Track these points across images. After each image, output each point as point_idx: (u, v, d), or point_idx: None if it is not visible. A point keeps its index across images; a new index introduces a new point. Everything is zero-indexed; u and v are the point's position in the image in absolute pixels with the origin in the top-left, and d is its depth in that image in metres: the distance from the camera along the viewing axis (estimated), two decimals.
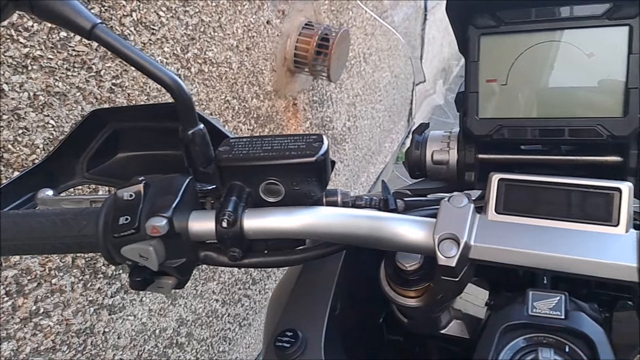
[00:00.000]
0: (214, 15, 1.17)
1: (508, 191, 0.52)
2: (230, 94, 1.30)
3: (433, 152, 0.69)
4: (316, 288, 0.62)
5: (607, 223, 0.48)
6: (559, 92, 0.59)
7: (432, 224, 0.51)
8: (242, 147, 0.54)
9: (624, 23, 0.55)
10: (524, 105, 0.61)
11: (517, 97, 0.61)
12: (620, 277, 0.44)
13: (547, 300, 0.47)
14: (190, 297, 1.32)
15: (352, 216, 0.53)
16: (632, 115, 0.56)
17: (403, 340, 0.79)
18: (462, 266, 0.50)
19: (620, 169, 0.61)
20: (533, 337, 0.44)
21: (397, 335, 0.79)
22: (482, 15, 0.60)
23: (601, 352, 0.41)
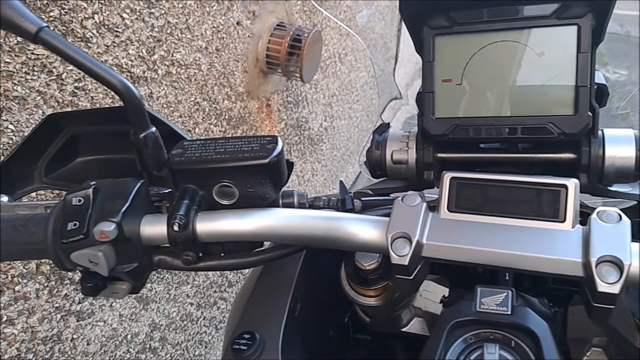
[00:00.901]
0: (181, 17, 1.17)
1: (460, 189, 0.52)
2: (200, 95, 1.29)
3: (393, 152, 0.69)
4: (275, 289, 0.62)
5: (554, 219, 0.48)
6: (512, 91, 0.60)
7: (386, 223, 0.51)
8: (195, 150, 0.53)
9: (572, 22, 0.55)
10: (479, 105, 0.61)
11: (472, 97, 0.62)
12: (566, 272, 0.45)
13: (494, 296, 0.47)
14: (163, 301, 1.31)
15: (307, 217, 0.53)
16: (582, 113, 0.56)
17: (370, 339, 0.79)
18: (416, 264, 0.50)
19: (574, 166, 0.62)
20: (480, 333, 0.44)
21: (364, 334, 0.79)
22: (436, 15, 0.61)
23: (544, 346, 0.41)
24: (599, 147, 0.60)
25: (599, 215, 0.46)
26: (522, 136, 0.59)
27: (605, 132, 0.62)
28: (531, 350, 0.42)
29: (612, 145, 0.60)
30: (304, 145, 2.04)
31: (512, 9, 0.57)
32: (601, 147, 0.60)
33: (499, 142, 0.65)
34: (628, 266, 0.42)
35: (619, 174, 0.61)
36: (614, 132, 0.62)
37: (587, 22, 0.55)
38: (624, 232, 0.44)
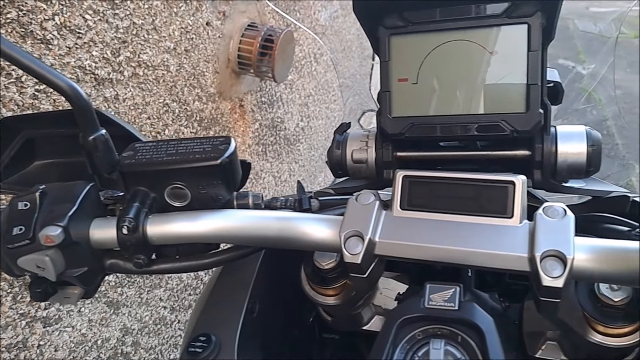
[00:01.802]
0: (147, 18, 1.15)
1: (412, 187, 0.53)
2: (169, 97, 1.28)
3: (353, 151, 0.70)
4: (232, 291, 0.61)
5: (502, 215, 0.49)
6: (466, 89, 0.60)
7: (340, 222, 0.51)
8: (146, 152, 0.53)
9: (522, 21, 0.56)
10: (434, 103, 0.62)
11: (427, 96, 0.62)
12: (513, 267, 0.46)
13: (442, 292, 0.48)
14: (135, 305, 1.30)
15: (260, 218, 0.53)
16: (533, 110, 0.57)
17: (338, 338, 0.79)
18: (369, 262, 0.50)
19: (528, 162, 0.63)
20: (429, 330, 0.45)
21: (332, 334, 0.79)
22: (391, 15, 0.61)
23: (489, 341, 0.42)
24: (551, 144, 0.61)
25: (545, 210, 0.47)
26: (475, 134, 0.60)
27: (558, 128, 0.63)
28: (476, 344, 0.43)
29: (564, 142, 0.61)
30: (280, 146, 2.04)
31: (463, 9, 0.58)
32: (554, 143, 0.61)
33: (454, 140, 0.66)
34: (571, 260, 0.42)
35: (572, 170, 0.62)
36: (566, 129, 0.63)
37: (537, 21, 0.55)
38: (567, 227, 0.45)
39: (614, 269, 0.43)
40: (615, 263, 0.43)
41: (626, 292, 0.50)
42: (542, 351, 0.59)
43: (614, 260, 0.43)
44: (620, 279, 0.45)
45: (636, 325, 0.50)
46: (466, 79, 0.60)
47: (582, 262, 0.43)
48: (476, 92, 0.60)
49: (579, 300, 0.52)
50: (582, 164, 0.61)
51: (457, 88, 0.60)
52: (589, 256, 0.43)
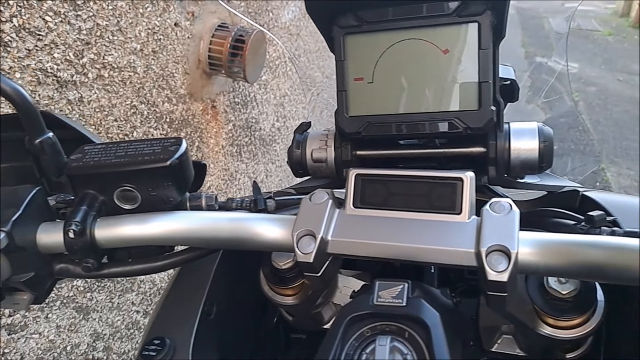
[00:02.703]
0: (112, 19, 1.14)
1: (364, 185, 0.53)
2: (137, 98, 1.26)
3: (312, 151, 0.70)
4: (188, 293, 0.61)
5: (451, 212, 0.49)
6: (420, 87, 0.61)
7: (292, 221, 0.51)
8: (94, 154, 0.52)
9: (472, 20, 0.57)
10: (389, 102, 0.62)
11: (383, 95, 0.62)
12: (461, 263, 0.46)
13: (391, 289, 0.48)
14: (106, 310, 1.28)
15: (212, 219, 0.52)
16: (485, 108, 0.58)
17: (306, 337, 0.79)
18: (322, 261, 0.50)
19: (484, 159, 0.64)
20: (377, 326, 0.45)
21: (300, 334, 0.79)
22: (345, 15, 0.61)
23: (434, 335, 0.42)
24: (504, 141, 0.62)
25: (492, 206, 0.47)
26: (429, 132, 0.60)
27: (512, 125, 0.64)
28: (423, 339, 0.43)
29: (517, 139, 0.62)
30: (256, 146, 2.03)
31: (415, 8, 0.58)
32: (507, 140, 0.62)
33: (409, 138, 0.67)
34: (515, 254, 0.43)
35: (525, 166, 0.63)
36: (519, 126, 0.64)
37: (487, 20, 0.56)
38: (512, 222, 0.45)
39: (557, 262, 0.44)
40: (559, 256, 0.44)
41: (574, 285, 0.51)
42: (498, 345, 0.60)
43: (557, 253, 0.44)
44: (564, 272, 0.45)
45: (585, 317, 0.51)
46: (420, 77, 0.60)
47: (527, 256, 0.44)
48: (430, 90, 0.60)
49: (529, 294, 0.52)
50: (534, 160, 0.62)
51: (411, 86, 0.61)
52: (533, 250, 0.44)
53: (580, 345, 0.56)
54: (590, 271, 0.43)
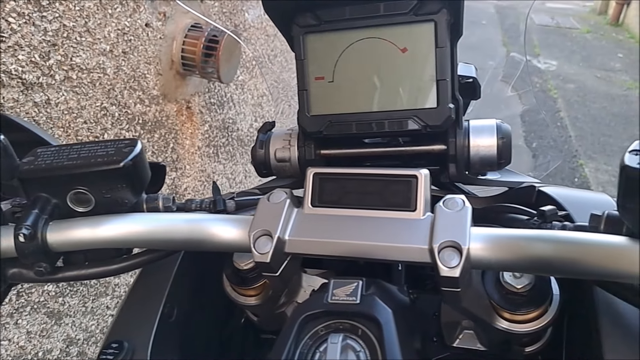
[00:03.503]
0: (79, 20, 1.13)
1: (322, 184, 0.53)
2: (107, 100, 1.25)
3: (276, 150, 0.70)
4: (148, 295, 0.60)
5: (406, 209, 0.50)
6: (380, 86, 0.61)
7: (250, 221, 0.51)
8: (47, 157, 0.52)
9: (429, 19, 0.57)
10: (350, 101, 0.62)
11: (344, 93, 0.63)
12: (415, 259, 0.47)
13: (345, 287, 0.48)
14: (79, 314, 1.27)
15: (168, 221, 0.52)
16: (443, 106, 0.58)
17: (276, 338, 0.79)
18: (280, 261, 0.50)
19: (444, 156, 0.65)
20: (331, 324, 0.45)
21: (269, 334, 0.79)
22: (303, 14, 0.61)
23: (386, 332, 0.43)
24: (464, 138, 0.63)
25: (445, 203, 0.48)
26: (389, 130, 0.61)
27: (471, 122, 0.64)
28: (375, 337, 0.43)
29: (475, 136, 0.63)
30: (233, 147, 2.02)
31: (372, 7, 0.58)
32: (466, 137, 0.63)
33: (369, 137, 0.67)
34: (467, 250, 0.43)
35: (484, 163, 0.63)
36: (478, 123, 0.64)
37: (443, 18, 0.57)
38: (465, 218, 0.46)
39: (508, 257, 0.44)
40: (509, 251, 0.44)
41: (528, 279, 0.51)
42: (460, 340, 0.61)
43: (507, 248, 0.44)
44: (514, 266, 0.46)
45: (540, 311, 0.52)
46: (380, 76, 0.61)
47: (479, 252, 0.45)
48: (389, 88, 0.61)
49: (485, 289, 0.53)
50: (493, 157, 0.62)
51: (371, 85, 0.61)
52: (485, 245, 0.45)
53: (539, 339, 0.57)
54: (539, 265, 0.44)
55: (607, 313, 0.49)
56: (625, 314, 0.48)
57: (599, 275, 0.41)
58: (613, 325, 0.48)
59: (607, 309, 0.49)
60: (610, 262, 0.39)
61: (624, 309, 0.48)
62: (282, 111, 1.89)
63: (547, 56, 6.25)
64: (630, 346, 0.47)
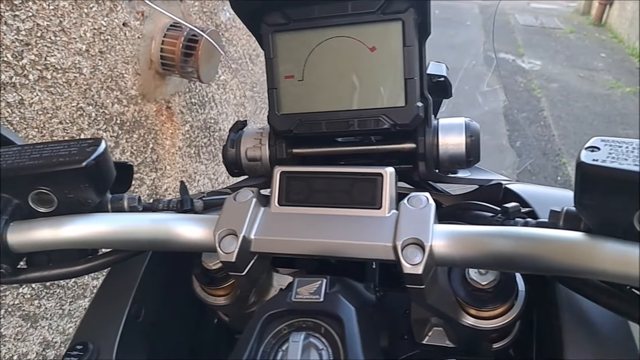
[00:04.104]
0: (54, 19, 1.11)
1: (289, 183, 0.53)
2: (84, 100, 1.24)
3: (247, 149, 0.70)
4: (114, 296, 0.60)
5: (372, 207, 0.50)
6: (349, 85, 0.61)
7: (215, 220, 0.51)
8: (8, 157, 0.51)
9: (396, 17, 0.57)
10: (320, 100, 0.62)
11: (313, 92, 0.63)
12: (380, 257, 0.47)
13: (309, 285, 0.48)
14: (56, 317, 1.25)
15: (132, 221, 0.52)
16: (412, 104, 0.59)
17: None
18: (246, 260, 0.50)
19: (414, 155, 0.65)
20: (294, 323, 0.45)
21: None
22: (272, 13, 0.61)
23: (347, 330, 0.43)
24: (433, 136, 0.63)
25: (410, 200, 0.48)
26: (358, 129, 0.61)
27: (440, 121, 0.65)
28: (338, 335, 0.43)
29: (444, 134, 0.63)
30: (216, 147, 2.01)
31: (340, 5, 0.58)
32: (435, 136, 0.63)
33: (342, 135, 0.67)
34: (429, 247, 0.44)
35: (453, 161, 0.64)
36: (447, 122, 0.65)
37: (410, 17, 0.57)
38: (428, 215, 0.46)
39: (470, 253, 0.45)
40: (471, 247, 0.45)
41: (493, 276, 0.52)
42: (429, 337, 0.61)
43: (469, 244, 0.45)
44: (477, 263, 0.46)
45: (506, 307, 0.52)
46: (349, 74, 0.61)
47: (442, 248, 0.45)
48: (359, 87, 0.61)
49: (452, 286, 0.53)
50: (461, 155, 0.63)
51: (341, 84, 0.61)
52: (447, 242, 0.45)
53: (507, 335, 0.58)
54: (499, 261, 0.44)
55: (569, 309, 0.49)
56: (586, 310, 0.49)
57: (556, 271, 0.42)
58: (574, 321, 0.49)
59: (568, 305, 0.50)
60: (567, 258, 0.40)
61: (586, 306, 0.49)
62: (258, 111, 1.88)
63: (531, 56, 6.31)
64: (591, 342, 0.47)
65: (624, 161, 0.38)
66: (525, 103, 4.87)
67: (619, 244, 0.38)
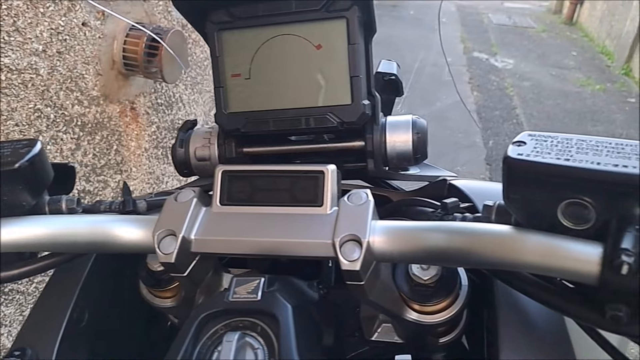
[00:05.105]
0: (7, 19, 1.09)
1: (231, 182, 0.53)
2: (41, 102, 1.21)
3: (196, 149, 0.69)
4: (55, 300, 0.59)
5: (314, 204, 0.50)
6: (296, 83, 0.61)
7: (154, 221, 0.50)
8: None
9: (340, 15, 0.58)
10: (267, 98, 0.62)
11: (260, 90, 0.62)
12: (320, 254, 0.47)
13: (247, 284, 0.48)
14: (16, 323, 1.22)
15: (69, 223, 0.51)
16: (358, 102, 0.59)
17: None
18: (187, 261, 0.50)
19: (364, 152, 0.65)
20: (231, 323, 0.45)
21: None
22: (216, 10, 0.61)
23: (282, 328, 0.43)
24: (380, 134, 0.64)
25: (350, 197, 0.48)
26: (305, 127, 0.61)
27: (388, 119, 0.65)
28: (274, 333, 0.43)
29: (392, 132, 0.64)
30: None
31: (284, 4, 0.58)
32: (383, 133, 0.64)
33: (290, 134, 0.67)
34: (366, 243, 0.44)
35: (401, 158, 0.64)
36: (394, 119, 0.65)
37: (354, 15, 0.57)
38: (366, 211, 0.46)
39: (407, 249, 0.45)
40: (407, 243, 0.45)
41: (435, 270, 0.52)
42: (378, 334, 0.61)
43: (406, 240, 0.45)
44: (415, 258, 0.47)
45: (448, 301, 0.53)
46: (296, 72, 0.61)
47: (380, 244, 0.45)
48: (305, 85, 0.61)
49: (395, 282, 0.54)
50: (408, 152, 0.63)
51: (287, 82, 0.61)
52: (385, 238, 0.45)
53: (453, 329, 0.58)
54: (435, 255, 0.44)
55: (505, 303, 0.50)
56: (522, 304, 0.50)
57: (487, 264, 0.42)
58: (509, 315, 0.49)
59: (505, 299, 0.50)
60: (494, 251, 0.40)
61: (522, 300, 0.50)
62: None
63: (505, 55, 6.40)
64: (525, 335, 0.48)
65: (547, 155, 0.38)
66: (498, 101, 4.94)
67: (542, 237, 0.39)
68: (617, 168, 0.35)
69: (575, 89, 5.39)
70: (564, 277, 0.40)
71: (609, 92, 5.29)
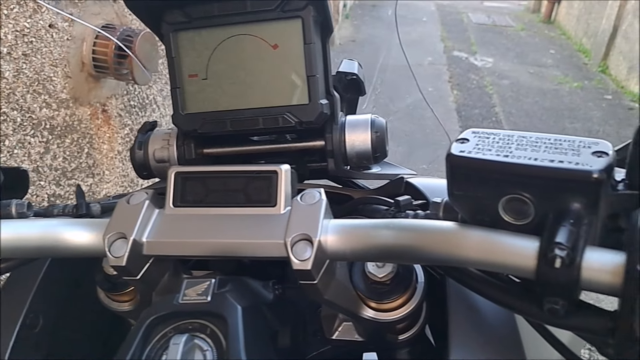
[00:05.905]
0: None
1: (184, 184, 0.52)
2: (7, 105, 1.19)
3: (155, 151, 0.68)
4: (7, 307, 0.58)
5: (267, 204, 0.50)
6: (254, 83, 0.61)
7: (105, 224, 0.50)
8: None
9: (295, 15, 0.57)
10: (224, 98, 0.62)
11: (218, 91, 0.62)
12: (273, 255, 0.46)
13: (198, 286, 0.47)
14: None
15: (16, 227, 0.50)
16: (315, 102, 0.59)
17: None
18: (139, 263, 0.49)
19: (324, 152, 0.65)
20: (180, 325, 0.44)
21: None
22: (171, 11, 0.60)
23: (231, 329, 0.42)
24: (340, 133, 0.64)
25: (303, 196, 0.48)
26: (263, 127, 0.60)
27: (347, 118, 0.65)
28: (224, 335, 0.43)
29: (351, 131, 0.64)
30: None
31: (239, 4, 0.58)
32: (342, 133, 0.64)
33: (247, 134, 0.67)
34: (317, 242, 0.44)
35: (360, 157, 0.64)
36: (353, 118, 0.65)
37: (309, 15, 0.57)
38: (318, 211, 0.46)
39: (358, 247, 0.45)
40: (358, 241, 0.45)
41: (390, 268, 0.52)
42: (339, 332, 0.61)
43: (356, 238, 0.45)
44: (366, 256, 0.47)
45: (405, 298, 0.53)
46: (253, 72, 0.60)
47: (332, 243, 0.45)
48: (263, 85, 0.60)
49: (352, 281, 0.54)
50: (367, 151, 0.63)
51: (245, 82, 0.61)
52: (337, 237, 0.45)
53: (412, 326, 0.58)
54: (385, 253, 0.44)
55: (456, 300, 0.50)
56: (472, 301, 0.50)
57: (435, 261, 0.42)
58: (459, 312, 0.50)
59: (456, 296, 0.51)
60: (439, 247, 0.41)
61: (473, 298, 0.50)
62: None
63: (484, 54, 6.47)
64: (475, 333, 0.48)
65: (487, 152, 0.39)
66: (478, 100, 4.99)
67: (483, 232, 0.39)
68: (553, 163, 0.35)
69: (553, 87, 5.47)
70: (506, 272, 0.40)
71: (586, 90, 5.38)
